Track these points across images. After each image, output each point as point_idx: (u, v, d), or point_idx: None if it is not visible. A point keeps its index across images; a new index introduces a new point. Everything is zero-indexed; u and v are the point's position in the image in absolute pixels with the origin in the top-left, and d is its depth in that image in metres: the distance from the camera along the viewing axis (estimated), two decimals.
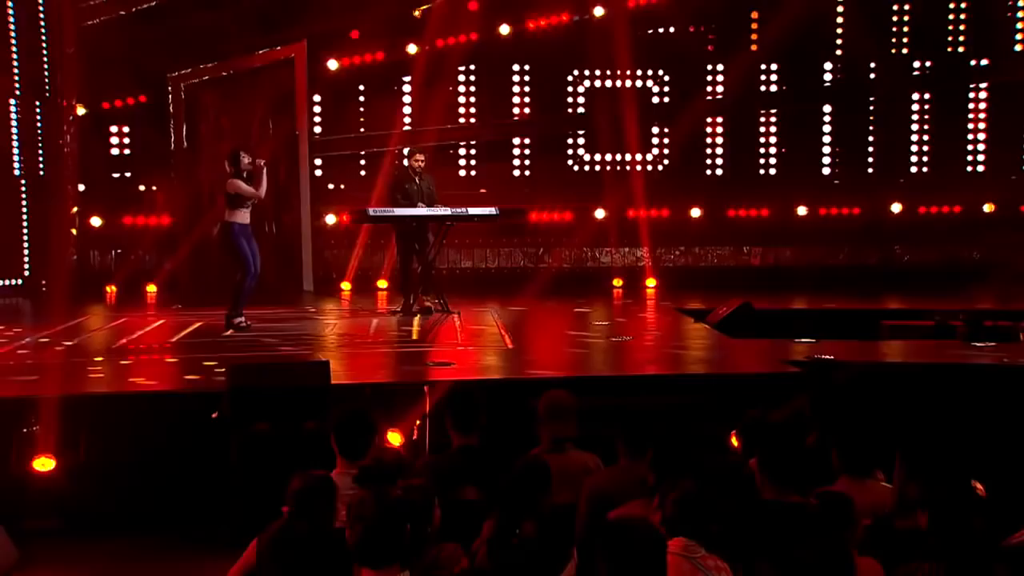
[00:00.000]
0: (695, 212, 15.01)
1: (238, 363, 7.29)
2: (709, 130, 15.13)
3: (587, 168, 15.11)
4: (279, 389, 6.89)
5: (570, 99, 15.07)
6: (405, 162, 11.77)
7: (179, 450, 6.96)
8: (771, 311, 11.10)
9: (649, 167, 14.99)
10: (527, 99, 15.00)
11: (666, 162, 15.09)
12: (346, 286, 14.31)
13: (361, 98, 14.82)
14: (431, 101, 14.44)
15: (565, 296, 13.23)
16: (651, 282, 14.63)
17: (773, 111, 15.04)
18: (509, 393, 7.21)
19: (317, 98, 14.63)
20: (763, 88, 15.07)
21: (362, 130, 14.83)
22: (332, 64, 14.62)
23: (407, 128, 14.63)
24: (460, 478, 5.04)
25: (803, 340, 9.41)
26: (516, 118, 15.00)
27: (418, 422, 7.12)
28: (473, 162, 15.04)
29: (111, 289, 13.82)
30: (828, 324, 10.49)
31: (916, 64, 15.00)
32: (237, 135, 14.59)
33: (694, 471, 4.17)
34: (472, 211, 11.67)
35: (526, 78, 15.01)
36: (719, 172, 15.20)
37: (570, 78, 15.02)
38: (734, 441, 6.90)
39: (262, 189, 9.95)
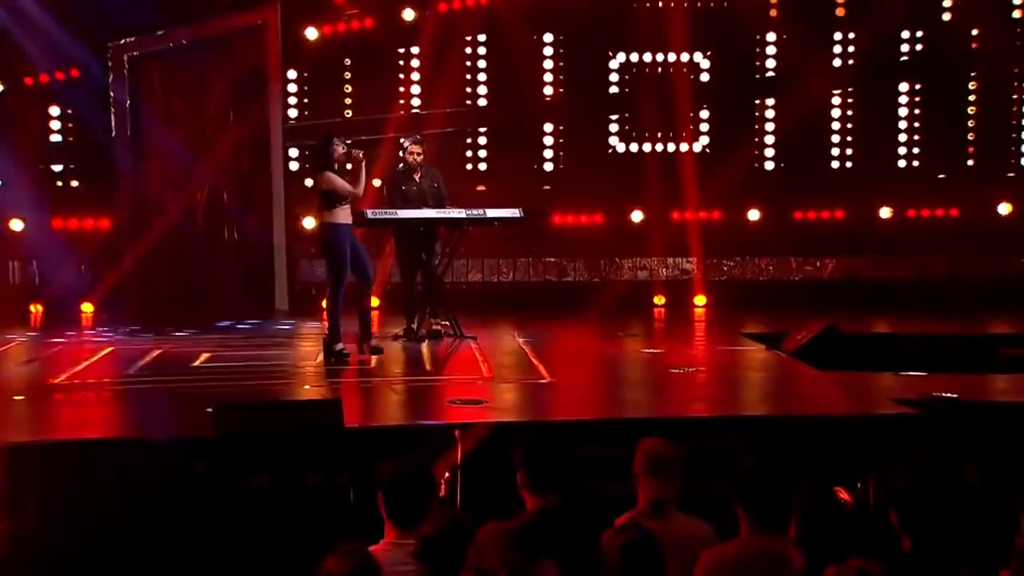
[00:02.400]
0: (753, 214, 14.98)
1: (227, 402, 7.17)
2: (771, 114, 15.02)
3: (622, 160, 15.09)
4: (280, 434, 6.85)
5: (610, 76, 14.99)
6: (402, 155, 11.73)
7: (154, 511, 6.89)
8: (861, 336, 11.11)
9: (698, 159, 14.99)
10: (551, 76, 14.94)
11: (714, 153, 15.05)
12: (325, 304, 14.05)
13: (347, 75, 14.78)
14: (435, 79, 14.45)
15: (598, 316, 13.19)
16: (700, 299, 14.67)
17: (849, 90, 14.94)
18: (560, 438, 7.11)
19: (292, 74, 14.61)
20: (837, 62, 14.99)
21: (348, 114, 14.77)
22: (311, 33, 14.54)
23: (410, 111, 14.72)
24: (538, 551, 4.87)
25: (910, 373, 9.39)
26: (547, 99, 15.02)
27: (447, 474, 7.11)
28: (483, 153, 14.95)
29: (36, 309, 13.85)
30: (932, 353, 10.41)
31: None
32: (191, 120, 14.63)
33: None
34: (491, 213, 11.59)
35: (548, 51, 14.88)
36: (782, 165, 15.12)
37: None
38: (845, 495, 6.80)
39: (360, 186, 10.08)
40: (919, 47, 14.93)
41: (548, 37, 14.86)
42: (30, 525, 6.86)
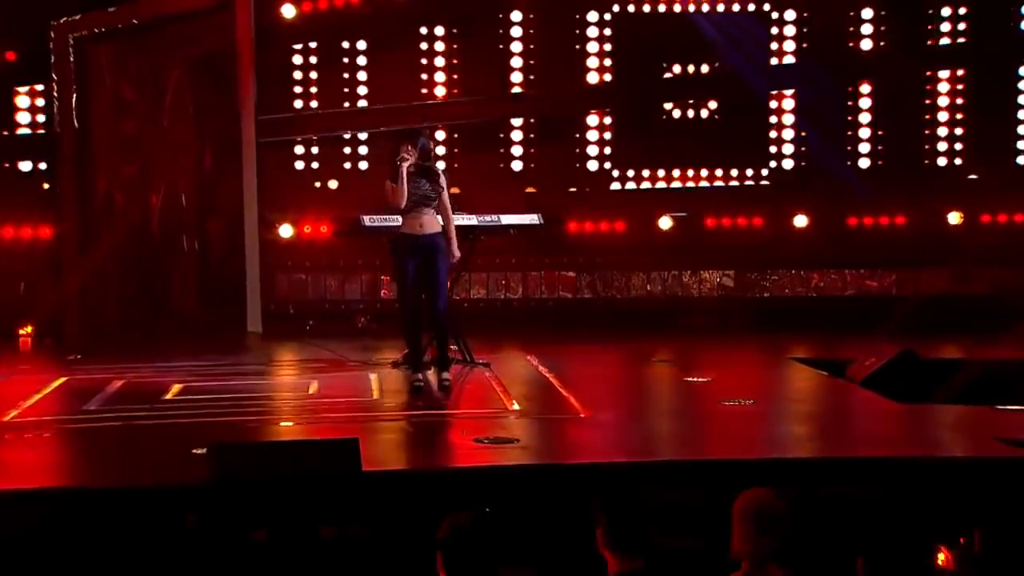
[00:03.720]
0: (800, 220, 14.89)
1: (223, 442, 7.03)
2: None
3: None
4: (287, 479, 6.76)
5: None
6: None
7: (136, 572, 6.78)
8: (942, 362, 11.05)
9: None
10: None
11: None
12: (309, 325, 14.36)
13: (343, 59, 14.67)
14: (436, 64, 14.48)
15: (624, 338, 13.38)
16: (740, 318, 14.60)
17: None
18: (616, 483, 7.16)
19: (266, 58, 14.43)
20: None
21: (346, 104, 14.69)
22: (288, 10, 14.45)
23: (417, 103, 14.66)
24: None
25: (1012, 408, 9.32)
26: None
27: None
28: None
29: None
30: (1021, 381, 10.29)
31: None
32: (145, 109, 14.57)
33: None
34: (505, 219, 11.61)
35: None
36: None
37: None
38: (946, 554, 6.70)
39: (400, 198, 9.97)
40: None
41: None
42: None
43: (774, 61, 14.86)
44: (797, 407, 9.94)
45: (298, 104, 14.64)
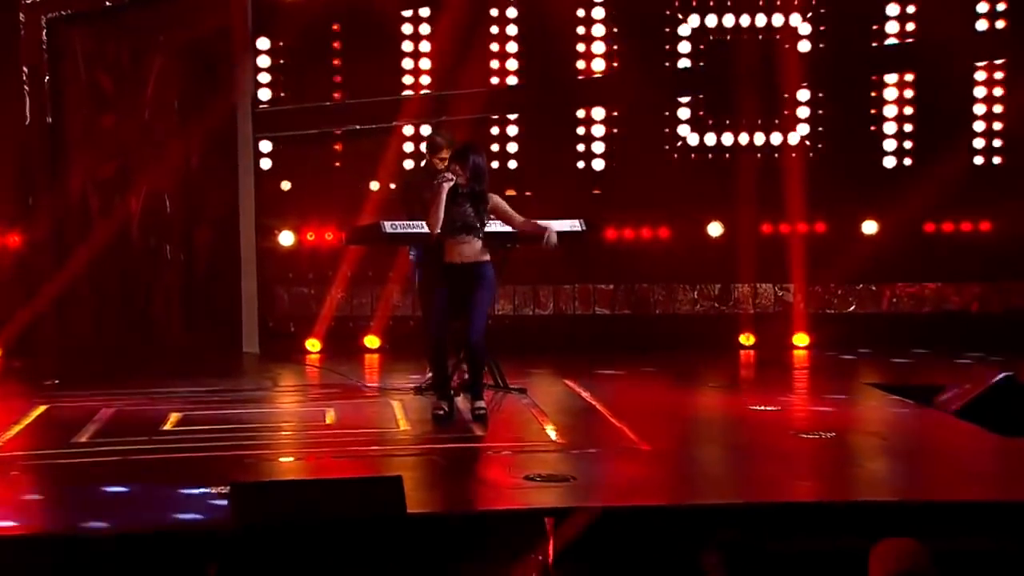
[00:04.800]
0: (869, 227, 14.86)
1: (245, 483, 6.97)
2: (894, 93, 14.91)
3: (693, 156, 14.99)
4: (320, 524, 6.67)
5: (669, 46, 14.88)
6: (428, 155, 11.67)
7: None
8: None
9: (796, 154, 14.91)
10: (601, 45, 14.79)
11: (820, 146, 14.99)
12: (314, 345, 14.27)
13: (341, 44, 14.61)
14: (462, 49, 14.36)
15: (670, 359, 13.43)
16: (802, 339, 14.67)
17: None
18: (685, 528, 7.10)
19: (265, 43, 14.46)
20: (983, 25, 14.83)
21: (338, 96, 14.65)
22: None
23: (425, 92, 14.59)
24: None
25: None
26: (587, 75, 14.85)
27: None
28: (512, 147, 14.78)
29: None
30: None
31: None
32: (125, 101, 14.60)
33: None
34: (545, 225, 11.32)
35: (598, 12, 14.75)
36: (906, 161, 14.96)
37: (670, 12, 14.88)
38: None
39: (435, 222, 10.00)
40: None
41: None
42: None
43: None
44: (890, 442, 9.82)
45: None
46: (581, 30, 14.64)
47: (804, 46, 14.79)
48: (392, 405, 10.94)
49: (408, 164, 14.19)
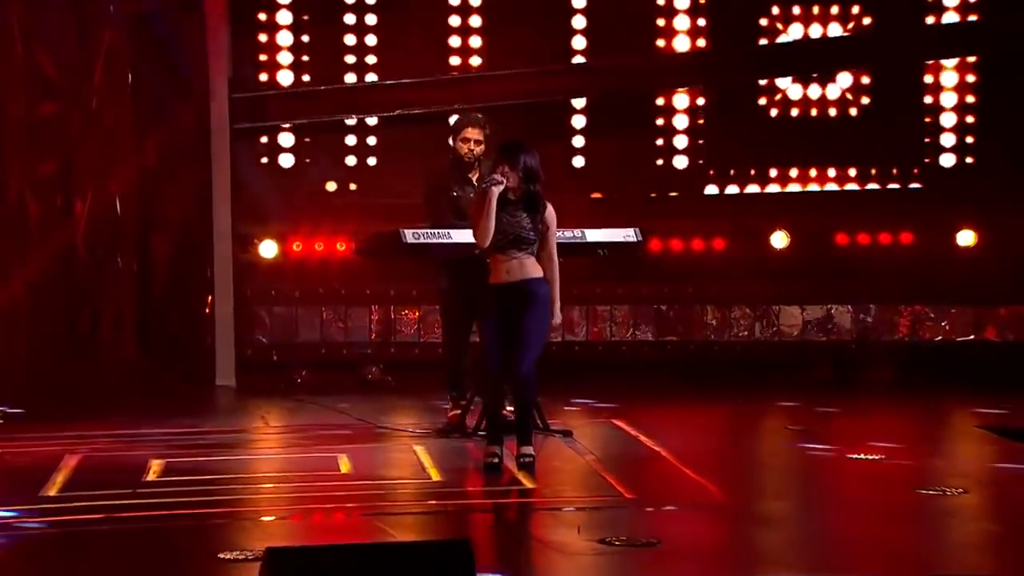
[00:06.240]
0: (965, 237, 14.77)
1: (281, 548, 6.78)
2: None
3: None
4: None
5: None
6: (451, 143, 11.69)
7: None
8: None
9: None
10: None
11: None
12: (301, 377, 14.44)
13: (349, 18, 14.61)
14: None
15: (728, 395, 13.57)
16: (885, 371, 14.74)
17: None
18: None
19: (247, 14, 14.53)
20: None
21: (350, 79, 14.64)
22: None
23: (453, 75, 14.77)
24: None
25: None
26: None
27: None
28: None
29: None
30: None
31: None
32: (69, 86, 14.57)
33: None
34: (593, 235, 11.58)
35: None
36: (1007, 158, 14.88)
37: None
38: None
39: (484, 234, 9.90)
40: None
41: None
42: None
43: None
44: None
45: (287, 78, 14.61)
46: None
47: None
48: (415, 450, 10.88)
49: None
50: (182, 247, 14.78)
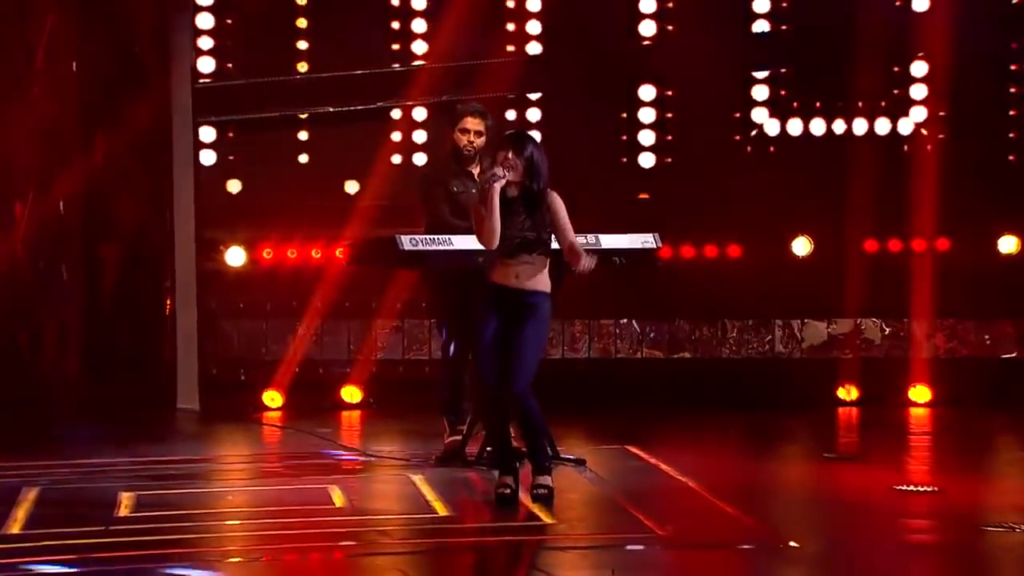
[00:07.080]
0: (1008, 244, 14.84)
1: None
2: None
3: (772, 149, 15.19)
4: None
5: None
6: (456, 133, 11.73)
7: None
8: None
9: (908, 147, 15.09)
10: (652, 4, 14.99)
11: (941, 136, 15.06)
12: (273, 399, 14.51)
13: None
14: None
15: (750, 418, 13.70)
16: (922, 393, 14.79)
17: None
18: None
19: None
20: None
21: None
22: None
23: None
24: None
25: None
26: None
27: None
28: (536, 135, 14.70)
29: None
30: None
31: None
32: (6, 72, 14.75)
33: None
34: (608, 241, 11.43)
35: None
36: None
37: None
38: None
39: (488, 234, 9.83)
40: None
41: None
42: None
43: None
44: None
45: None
46: None
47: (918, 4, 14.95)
48: (413, 480, 10.82)
49: (396, 159, 14.49)
50: (135, 255, 14.88)
